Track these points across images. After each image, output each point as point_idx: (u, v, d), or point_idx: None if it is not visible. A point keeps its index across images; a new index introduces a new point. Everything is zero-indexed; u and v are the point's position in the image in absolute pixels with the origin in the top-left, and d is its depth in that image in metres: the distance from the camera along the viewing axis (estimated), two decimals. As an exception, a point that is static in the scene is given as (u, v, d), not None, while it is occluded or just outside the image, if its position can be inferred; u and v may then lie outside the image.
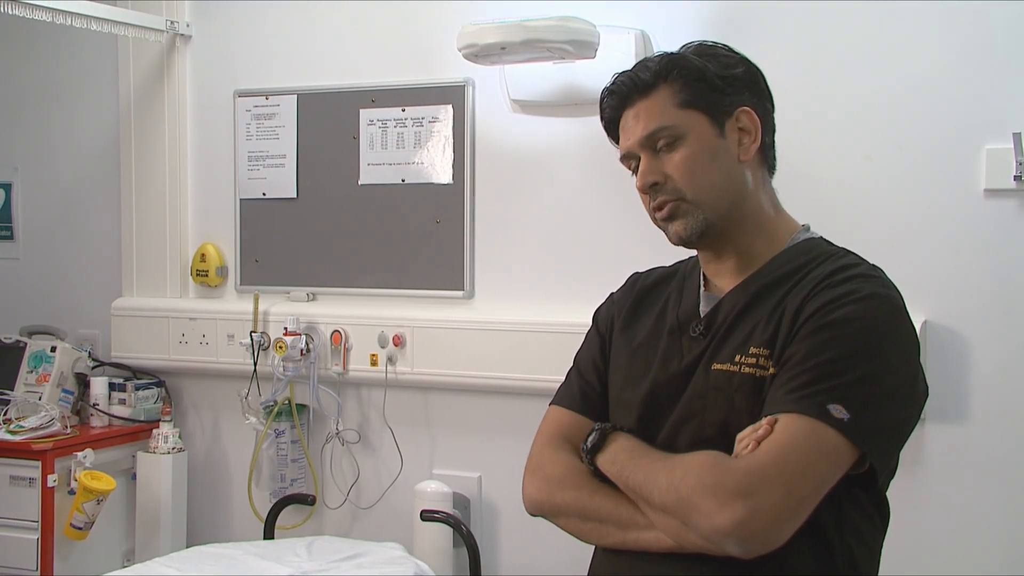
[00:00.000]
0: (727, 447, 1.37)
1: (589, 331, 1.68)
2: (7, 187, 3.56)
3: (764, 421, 1.33)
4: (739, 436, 1.36)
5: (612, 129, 1.57)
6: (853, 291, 1.39)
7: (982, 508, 2.44)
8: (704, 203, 1.47)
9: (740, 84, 1.51)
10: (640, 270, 1.70)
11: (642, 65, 1.52)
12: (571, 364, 1.68)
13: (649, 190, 1.49)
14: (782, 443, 1.30)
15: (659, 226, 1.53)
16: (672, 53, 1.53)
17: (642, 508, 1.40)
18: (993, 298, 2.43)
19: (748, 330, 1.43)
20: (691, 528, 1.32)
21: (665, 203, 1.48)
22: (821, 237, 1.55)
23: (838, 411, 1.31)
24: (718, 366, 1.43)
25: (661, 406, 1.48)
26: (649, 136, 1.48)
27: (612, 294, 1.70)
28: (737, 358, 1.41)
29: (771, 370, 1.38)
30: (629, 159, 1.53)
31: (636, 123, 1.50)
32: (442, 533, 2.76)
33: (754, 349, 1.41)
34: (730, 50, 1.55)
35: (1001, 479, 2.43)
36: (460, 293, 2.92)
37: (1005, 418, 2.43)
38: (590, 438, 1.48)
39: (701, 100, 1.48)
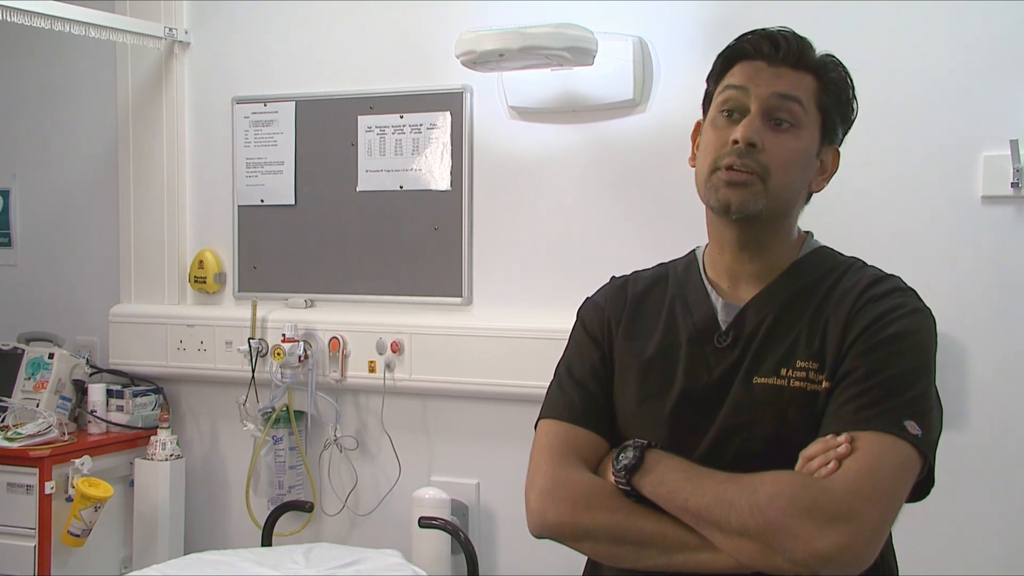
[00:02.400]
0: (778, 461, 1.32)
1: (577, 338, 1.57)
2: (5, 194, 3.56)
3: (841, 439, 1.29)
4: (806, 453, 1.31)
5: (729, 60, 1.47)
6: (899, 305, 1.39)
7: (981, 515, 2.44)
8: (775, 196, 1.41)
9: (849, 126, 1.51)
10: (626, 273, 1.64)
11: (808, 44, 1.46)
12: (554, 374, 1.57)
13: (745, 147, 1.39)
14: (872, 462, 1.27)
15: (709, 185, 1.43)
16: (836, 58, 1.48)
17: (704, 532, 1.30)
18: (991, 304, 2.43)
19: (788, 343, 1.40)
20: (779, 552, 1.24)
21: (747, 168, 1.39)
22: (826, 246, 1.54)
23: (912, 427, 1.30)
24: (762, 380, 1.38)
25: (692, 420, 1.41)
26: (783, 97, 1.41)
27: (593, 299, 1.60)
28: (783, 372, 1.38)
29: (824, 384, 1.36)
30: (733, 91, 1.43)
31: (775, 80, 1.41)
32: (440, 540, 2.76)
33: (801, 363, 1.38)
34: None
35: (999, 485, 2.43)
36: (458, 300, 2.92)
37: (1003, 424, 2.43)
38: (624, 456, 1.37)
39: (830, 114, 1.45)
